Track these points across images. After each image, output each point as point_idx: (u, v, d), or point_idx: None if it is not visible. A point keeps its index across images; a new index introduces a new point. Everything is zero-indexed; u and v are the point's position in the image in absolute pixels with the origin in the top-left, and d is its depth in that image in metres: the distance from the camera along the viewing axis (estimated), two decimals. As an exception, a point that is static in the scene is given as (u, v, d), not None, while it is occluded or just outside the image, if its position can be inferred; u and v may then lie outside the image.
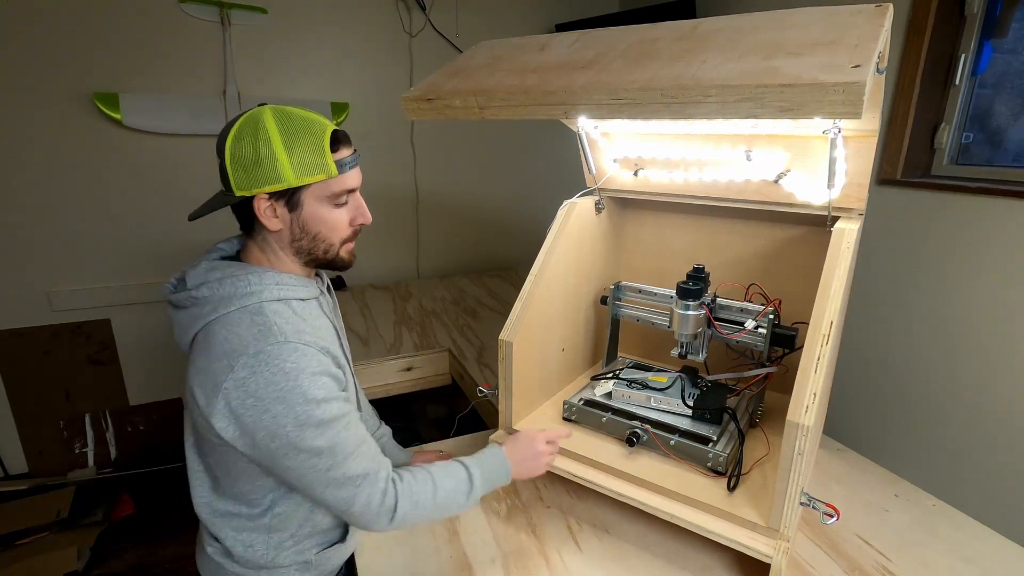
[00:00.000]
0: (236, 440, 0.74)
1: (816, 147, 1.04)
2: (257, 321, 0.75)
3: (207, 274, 0.80)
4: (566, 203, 1.25)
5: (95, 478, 2.43)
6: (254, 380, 0.71)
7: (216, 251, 0.88)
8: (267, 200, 0.78)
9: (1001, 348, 1.59)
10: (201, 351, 0.76)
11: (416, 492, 0.83)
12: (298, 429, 0.72)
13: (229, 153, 0.76)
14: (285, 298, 0.79)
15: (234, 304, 0.76)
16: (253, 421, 0.72)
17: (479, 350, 1.90)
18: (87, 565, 1.95)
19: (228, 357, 0.73)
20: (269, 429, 0.72)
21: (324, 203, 0.81)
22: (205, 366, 0.74)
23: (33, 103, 2.08)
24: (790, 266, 1.27)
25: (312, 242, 0.83)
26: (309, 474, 0.75)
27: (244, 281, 0.78)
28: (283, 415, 0.72)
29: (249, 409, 0.72)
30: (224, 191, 0.80)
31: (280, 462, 0.75)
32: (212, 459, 0.83)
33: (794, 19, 0.80)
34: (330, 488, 0.77)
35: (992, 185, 1.60)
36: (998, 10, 1.67)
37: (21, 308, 2.24)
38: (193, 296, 0.78)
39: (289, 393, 0.72)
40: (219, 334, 0.75)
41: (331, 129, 0.80)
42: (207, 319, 0.77)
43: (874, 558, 0.97)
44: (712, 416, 1.09)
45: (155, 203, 2.34)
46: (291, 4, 2.37)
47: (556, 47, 0.99)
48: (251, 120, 0.77)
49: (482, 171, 2.98)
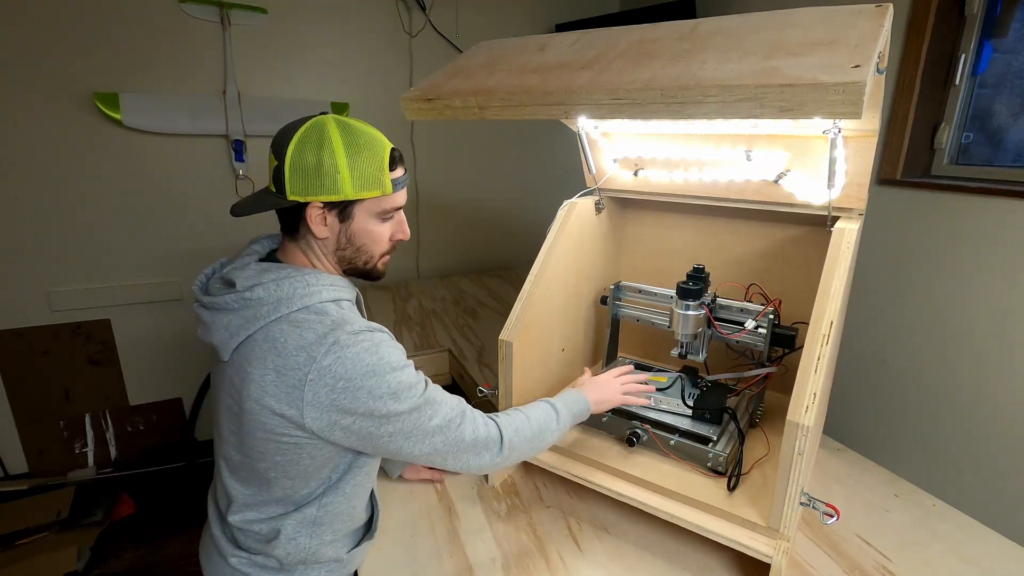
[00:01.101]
0: (328, 428, 0.75)
1: (816, 147, 1.04)
2: (324, 319, 0.76)
3: (260, 276, 0.79)
4: (566, 203, 1.25)
5: (95, 478, 2.43)
6: (340, 364, 0.73)
7: (253, 252, 0.87)
8: (320, 208, 0.80)
9: (1001, 348, 1.59)
10: (266, 351, 0.75)
11: (512, 420, 0.91)
12: (393, 395, 0.76)
13: (291, 158, 0.77)
14: (338, 299, 0.82)
15: (295, 304, 0.77)
16: (350, 401, 0.74)
17: (479, 350, 1.90)
18: (87, 565, 1.95)
19: (307, 351, 0.74)
20: (367, 404, 0.75)
21: (373, 218, 0.84)
22: (279, 364, 0.74)
23: (33, 103, 2.08)
24: (790, 266, 1.27)
25: (355, 252, 0.86)
26: (415, 431, 0.79)
27: (302, 281, 0.79)
28: (377, 387, 0.75)
29: (342, 392, 0.74)
30: (275, 193, 0.81)
31: (384, 429, 0.77)
32: (268, 462, 0.80)
33: (794, 19, 0.81)
34: (437, 436, 0.81)
35: (992, 185, 1.60)
36: (998, 10, 1.67)
37: (21, 308, 2.24)
38: (246, 297, 0.77)
39: (376, 366, 0.75)
40: (288, 332, 0.75)
41: (390, 148, 0.83)
42: (266, 319, 0.76)
43: (874, 558, 0.97)
44: (712, 416, 1.09)
45: (155, 203, 2.34)
46: (291, 4, 2.37)
47: (556, 47, 0.99)
48: (316, 128, 0.78)
49: (482, 171, 2.98)
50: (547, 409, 0.96)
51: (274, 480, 0.82)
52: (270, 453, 0.79)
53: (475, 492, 1.16)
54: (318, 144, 0.77)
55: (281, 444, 0.78)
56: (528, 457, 0.96)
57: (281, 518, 0.84)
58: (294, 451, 0.79)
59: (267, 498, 0.84)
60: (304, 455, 0.79)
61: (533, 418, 0.93)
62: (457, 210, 2.97)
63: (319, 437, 0.77)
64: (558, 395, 1.02)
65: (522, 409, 0.95)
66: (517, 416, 0.92)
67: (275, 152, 0.80)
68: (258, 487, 0.83)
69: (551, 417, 0.95)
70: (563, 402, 0.99)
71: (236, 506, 0.85)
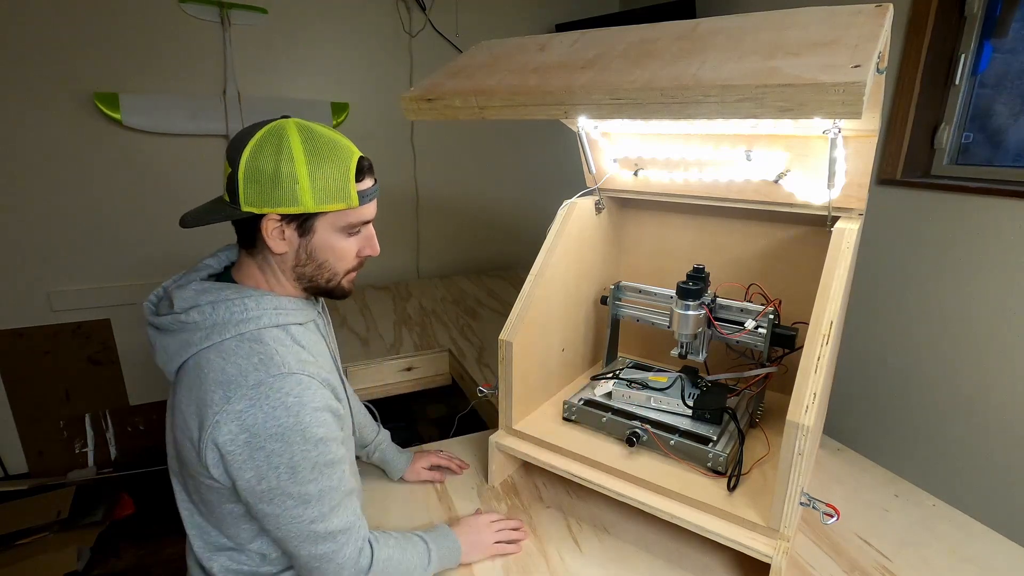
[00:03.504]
0: (222, 477, 0.70)
1: (816, 147, 1.04)
2: (257, 350, 0.70)
3: (198, 296, 0.73)
4: (566, 203, 1.25)
5: (95, 478, 2.43)
6: (251, 413, 0.67)
7: (203, 268, 0.82)
8: (277, 221, 0.73)
9: (1001, 348, 1.59)
10: (193, 380, 0.70)
11: (387, 555, 0.81)
12: (291, 471, 0.69)
13: (245, 165, 0.71)
14: (284, 324, 0.75)
15: (229, 331, 0.71)
16: (244, 458, 0.67)
17: (479, 350, 1.90)
18: (87, 565, 1.95)
19: (224, 388, 0.68)
20: (260, 469, 0.68)
21: (338, 232, 0.77)
22: (198, 396, 0.69)
23: (33, 103, 2.08)
24: (790, 266, 1.27)
25: (317, 270, 0.79)
26: (291, 525, 0.71)
27: (240, 306, 0.72)
28: (278, 453, 0.67)
29: (241, 446, 0.67)
30: (228, 202, 0.74)
31: (261, 507, 0.70)
32: (197, 496, 0.77)
33: (794, 19, 0.80)
34: (307, 543, 0.73)
35: (992, 185, 1.60)
36: (998, 10, 1.67)
37: (21, 308, 2.24)
38: (182, 320, 0.72)
39: (289, 430, 0.68)
40: (214, 363, 0.69)
41: (357, 156, 0.76)
42: (199, 346, 0.71)
43: (874, 558, 0.97)
44: (712, 416, 1.09)
45: (155, 203, 2.34)
46: (291, 4, 2.37)
47: (556, 47, 0.99)
48: (274, 133, 0.72)
49: (482, 171, 2.98)
50: (422, 552, 0.87)
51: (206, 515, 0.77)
52: (193, 487, 0.75)
53: (475, 492, 1.16)
54: (276, 150, 0.70)
55: (198, 479, 0.73)
56: None
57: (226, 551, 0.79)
58: (207, 489, 0.73)
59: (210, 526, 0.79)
60: (225, 496, 0.74)
61: (407, 558, 0.84)
62: (457, 210, 2.97)
63: (217, 482, 0.71)
64: (434, 531, 0.93)
65: (401, 543, 0.85)
66: (393, 551, 0.82)
67: (229, 157, 0.73)
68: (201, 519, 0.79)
69: (422, 564, 0.86)
70: (436, 545, 0.89)
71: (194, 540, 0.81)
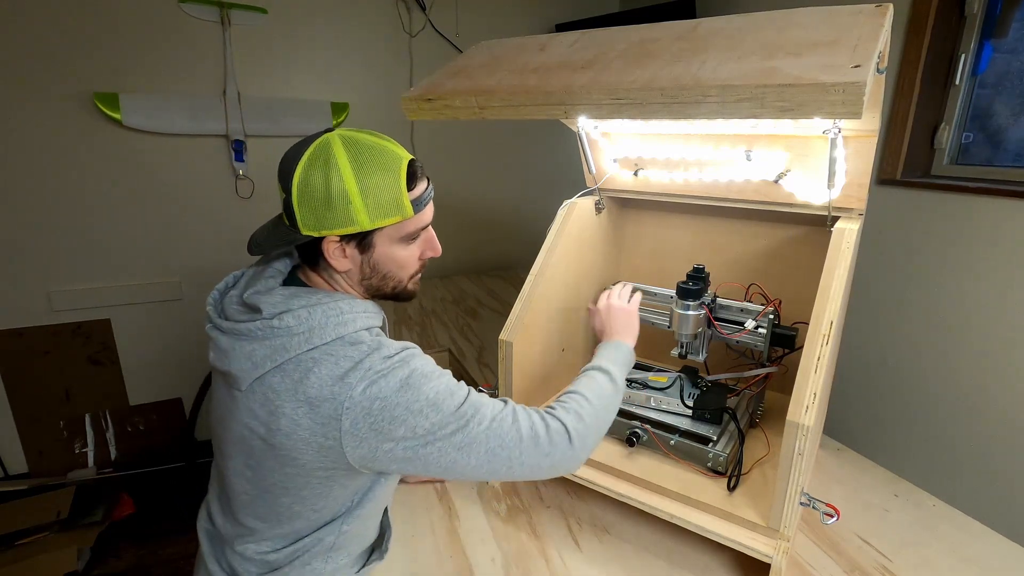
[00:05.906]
0: (371, 456, 0.70)
1: (816, 147, 1.04)
2: (360, 347, 0.72)
3: (288, 301, 0.73)
4: (566, 203, 1.25)
5: (95, 478, 2.43)
6: (375, 387, 0.69)
7: (276, 273, 0.80)
8: (337, 242, 0.73)
9: (1001, 348, 1.59)
10: (298, 384, 0.70)
11: (568, 405, 0.80)
12: (432, 405, 0.71)
13: (297, 190, 0.70)
14: (371, 326, 0.77)
15: (329, 334, 0.71)
16: (388, 421, 0.69)
17: (479, 350, 1.90)
18: (87, 565, 1.95)
19: (341, 380, 0.69)
20: (406, 421, 0.69)
21: (397, 243, 0.77)
22: (312, 396, 0.69)
23: (33, 103, 2.08)
24: (790, 266, 1.27)
25: (382, 280, 0.80)
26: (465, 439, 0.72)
27: (336, 309, 0.73)
28: (415, 400, 0.70)
29: (379, 414, 0.69)
30: (288, 226, 0.74)
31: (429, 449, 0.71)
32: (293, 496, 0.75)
33: (794, 19, 0.80)
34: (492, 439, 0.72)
35: (992, 185, 1.60)
36: (998, 10, 1.67)
37: (21, 308, 2.24)
38: (274, 326, 0.71)
39: (409, 379, 0.70)
40: (322, 362, 0.70)
41: (407, 161, 0.74)
42: (299, 350, 0.70)
43: (874, 558, 0.97)
44: (712, 416, 1.09)
45: (155, 203, 2.34)
46: (291, 4, 2.37)
47: (556, 47, 0.99)
48: (320, 153, 0.70)
49: (482, 171, 2.98)
50: (601, 378, 0.87)
51: (298, 513, 0.77)
52: (297, 488, 0.74)
53: (475, 492, 1.16)
54: (324, 171, 0.69)
55: (312, 479, 0.73)
56: (600, 439, 0.83)
57: (297, 545, 0.79)
58: (326, 484, 0.74)
59: (286, 530, 0.79)
60: (336, 486, 0.75)
61: (592, 394, 0.83)
62: (457, 210, 2.97)
63: (360, 468, 0.72)
64: (597, 352, 0.94)
65: (574, 387, 0.85)
66: (573, 399, 0.82)
67: (281, 182, 0.73)
68: (276, 519, 0.78)
69: (606, 384, 0.86)
70: (610, 360, 0.90)
71: (247, 538, 0.80)
